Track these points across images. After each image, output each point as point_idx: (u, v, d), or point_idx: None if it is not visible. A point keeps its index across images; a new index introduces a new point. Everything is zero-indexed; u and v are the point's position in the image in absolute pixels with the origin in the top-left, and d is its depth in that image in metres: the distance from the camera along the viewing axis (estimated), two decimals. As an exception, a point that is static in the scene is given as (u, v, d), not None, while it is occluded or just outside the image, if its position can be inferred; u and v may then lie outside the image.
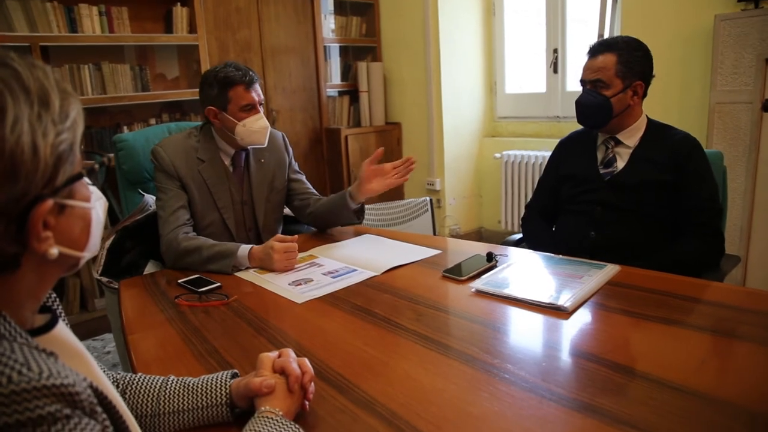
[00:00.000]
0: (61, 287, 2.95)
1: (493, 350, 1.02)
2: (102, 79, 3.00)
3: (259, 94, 1.76)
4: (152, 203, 1.85)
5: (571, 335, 1.09)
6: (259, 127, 1.75)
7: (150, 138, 2.16)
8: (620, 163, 1.72)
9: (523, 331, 1.14)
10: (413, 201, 3.20)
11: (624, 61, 1.65)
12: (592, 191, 1.74)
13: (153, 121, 3.25)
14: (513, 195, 3.77)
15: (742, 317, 1.12)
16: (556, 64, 3.67)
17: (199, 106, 3.34)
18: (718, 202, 1.66)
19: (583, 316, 1.16)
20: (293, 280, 1.49)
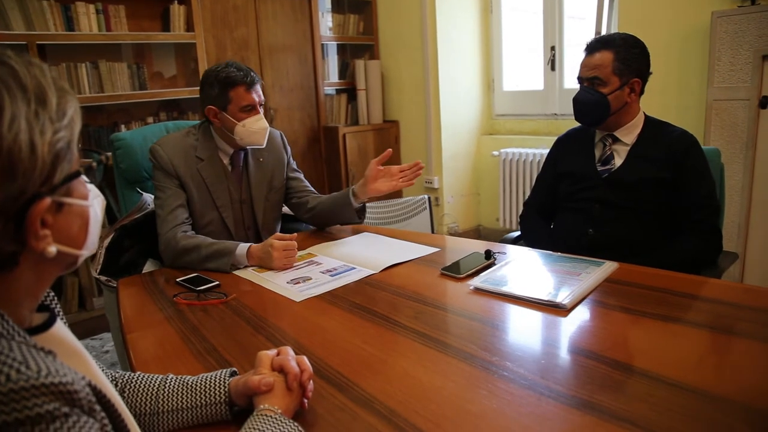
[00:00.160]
0: (60, 286, 2.94)
1: (491, 348, 1.03)
2: (99, 78, 2.99)
3: (260, 95, 1.76)
4: (151, 202, 1.84)
5: (570, 332, 1.10)
6: (258, 128, 1.75)
7: (147, 137, 2.16)
8: (618, 161, 1.72)
9: (522, 329, 1.15)
10: (411, 199, 3.20)
11: (621, 59, 1.65)
12: (590, 189, 1.74)
13: (150, 120, 3.24)
14: (511, 193, 3.78)
15: (740, 314, 1.13)
16: (553, 62, 3.67)
17: (196, 105, 3.35)
18: (716, 199, 1.66)
19: (582, 314, 1.16)
20: (292, 279, 1.49)
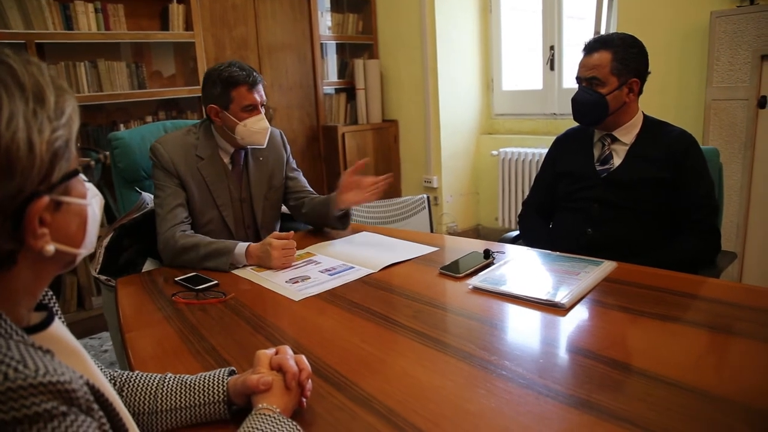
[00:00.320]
0: (59, 285, 2.94)
1: (490, 347, 1.03)
2: (98, 77, 2.99)
3: (262, 96, 1.76)
4: (149, 201, 1.84)
5: (568, 332, 1.10)
6: (259, 128, 1.75)
7: (145, 136, 2.15)
8: (617, 160, 1.72)
9: (521, 328, 1.15)
10: (410, 198, 3.20)
11: (619, 58, 1.65)
12: (589, 188, 1.74)
13: (149, 119, 3.23)
14: (510, 192, 3.77)
15: (738, 314, 1.13)
16: (552, 61, 3.67)
17: (195, 104, 3.34)
18: (715, 199, 1.66)
19: (580, 313, 1.16)
20: (290, 278, 1.49)
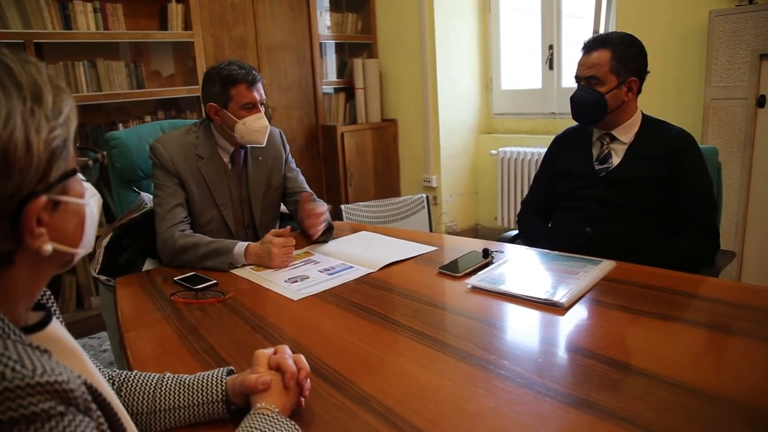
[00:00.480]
0: (57, 285, 2.93)
1: (489, 346, 1.03)
2: (97, 76, 2.99)
3: (261, 94, 1.76)
4: (148, 201, 1.84)
5: (567, 331, 1.10)
6: (259, 127, 1.75)
7: (143, 136, 2.14)
8: (615, 160, 1.72)
9: (519, 328, 1.15)
10: (409, 198, 3.19)
11: (618, 57, 1.65)
12: (588, 187, 1.74)
13: (148, 119, 3.23)
14: (509, 192, 3.78)
15: (738, 313, 1.13)
16: (551, 60, 3.67)
17: (194, 104, 3.34)
18: (714, 198, 1.66)
19: (579, 312, 1.16)
20: (289, 277, 1.49)
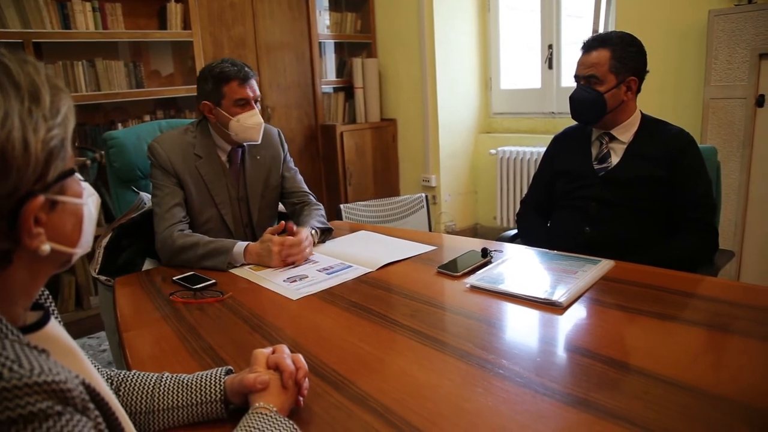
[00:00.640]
0: (56, 285, 2.93)
1: (487, 346, 1.03)
2: (96, 76, 2.98)
3: (255, 91, 1.76)
4: (147, 201, 1.84)
5: (566, 330, 1.10)
6: (252, 123, 1.75)
7: (141, 135, 2.14)
8: (615, 159, 1.72)
9: (518, 327, 1.15)
10: (409, 197, 3.19)
11: (618, 57, 1.65)
12: (587, 187, 1.74)
13: (147, 118, 3.23)
14: (508, 191, 3.78)
15: (736, 312, 1.13)
16: (551, 60, 3.67)
17: (193, 103, 3.34)
18: (713, 198, 1.66)
19: (578, 312, 1.16)
20: (288, 277, 1.49)
